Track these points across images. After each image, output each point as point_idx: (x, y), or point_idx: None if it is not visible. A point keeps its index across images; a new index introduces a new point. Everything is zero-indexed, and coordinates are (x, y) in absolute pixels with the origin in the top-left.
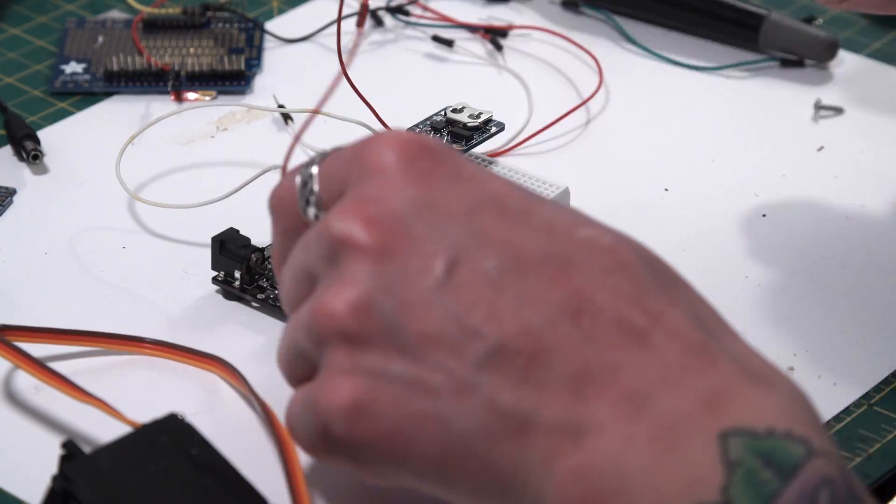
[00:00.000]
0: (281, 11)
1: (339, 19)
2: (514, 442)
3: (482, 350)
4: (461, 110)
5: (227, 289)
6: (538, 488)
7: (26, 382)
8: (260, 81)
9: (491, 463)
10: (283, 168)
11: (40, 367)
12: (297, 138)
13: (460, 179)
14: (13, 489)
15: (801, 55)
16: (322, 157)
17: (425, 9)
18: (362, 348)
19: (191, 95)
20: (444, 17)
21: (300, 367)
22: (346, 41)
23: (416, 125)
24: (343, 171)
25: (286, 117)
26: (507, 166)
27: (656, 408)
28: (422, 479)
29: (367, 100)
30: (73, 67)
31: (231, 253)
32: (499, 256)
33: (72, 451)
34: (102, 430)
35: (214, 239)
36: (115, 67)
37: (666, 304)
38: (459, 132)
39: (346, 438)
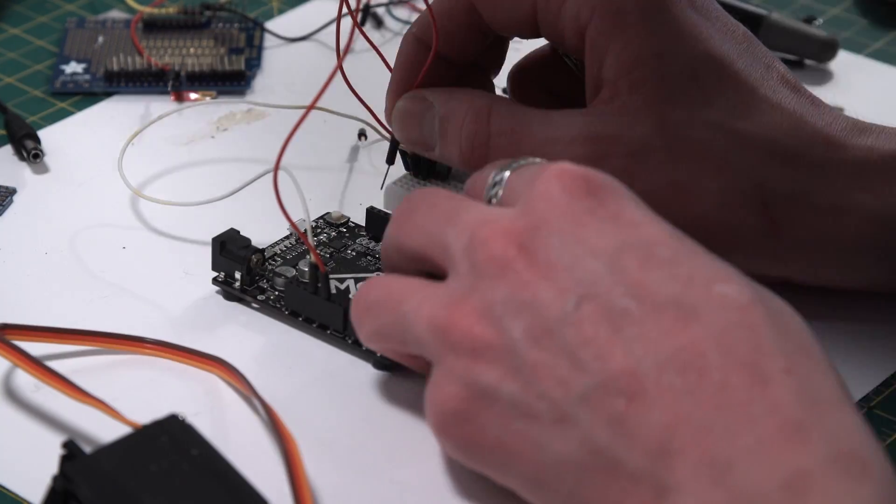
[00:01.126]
0: (281, 11)
1: (339, 17)
2: (603, 479)
3: (586, 385)
4: None
5: (228, 289)
6: None
7: (26, 382)
8: (260, 81)
9: (579, 493)
10: (276, 165)
11: (40, 366)
12: (291, 135)
13: (618, 222)
14: (14, 488)
15: (801, 55)
16: (517, 166)
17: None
18: (481, 363)
19: (191, 95)
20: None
21: (398, 344)
22: (346, 40)
23: None
24: (521, 187)
25: (361, 135)
26: None
27: (737, 479)
28: (518, 488)
29: (361, 97)
30: (73, 67)
31: (231, 254)
32: (627, 297)
33: (72, 451)
34: (102, 430)
35: (215, 239)
36: (116, 67)
37: (778, 372)
38: None
39: (453, 437)
